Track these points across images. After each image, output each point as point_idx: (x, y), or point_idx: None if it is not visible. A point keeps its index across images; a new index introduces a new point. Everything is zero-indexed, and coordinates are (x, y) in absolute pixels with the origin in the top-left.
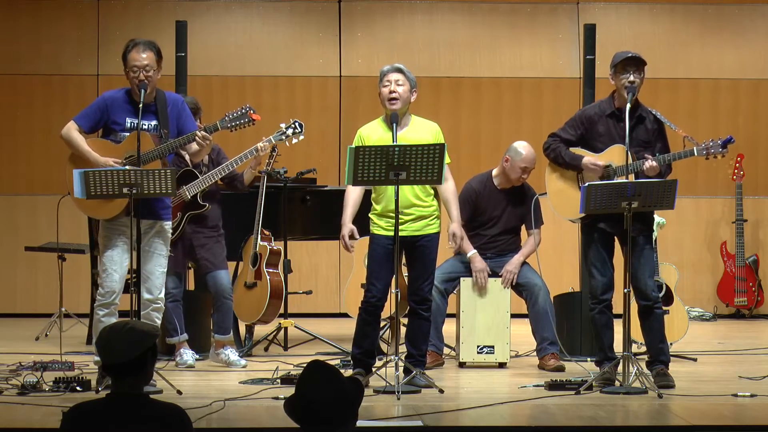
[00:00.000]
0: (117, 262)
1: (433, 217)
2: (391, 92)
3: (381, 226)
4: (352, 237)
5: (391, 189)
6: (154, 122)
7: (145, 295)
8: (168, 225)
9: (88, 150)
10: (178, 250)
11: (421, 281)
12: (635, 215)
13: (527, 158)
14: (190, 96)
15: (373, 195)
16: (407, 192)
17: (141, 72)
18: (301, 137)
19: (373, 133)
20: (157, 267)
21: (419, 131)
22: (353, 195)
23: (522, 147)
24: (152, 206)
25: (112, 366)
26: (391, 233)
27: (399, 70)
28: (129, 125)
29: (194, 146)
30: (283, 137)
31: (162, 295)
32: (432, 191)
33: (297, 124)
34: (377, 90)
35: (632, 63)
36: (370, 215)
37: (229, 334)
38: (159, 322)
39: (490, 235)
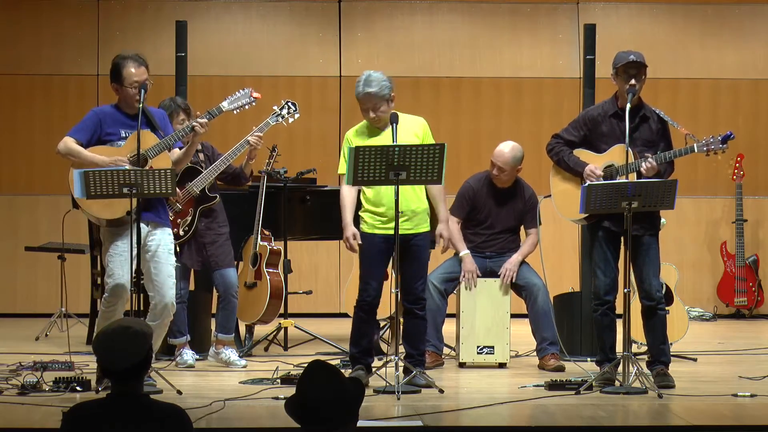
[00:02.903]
0: (122, 266)
1: (425, 214)
2: (371, 119)
3: (373, 225)
4: (355, 238)
5: (384, 188)
6: (146, 130)
7: (159, 308)
8: (170, 232)
9: (92, 155)
10: (192, 248)
11: (414, 281)
12: (641, 214)
13: (495, 153)
14: (180, 98)
15: (363, 194)
16: (402, 189)
17: (143, 84)
18: (297, 116)
19: (360, 136)
20: (169, 278)
21: (407, 128)
22: (349, 197)
23: (501, 144)
24: (155, 206)
25: (115, 371)
26: (383, 232)
27: (369, 96)
28: (124, 134)
29: (175, 154)
30: (279, 119)
31: (175, 303)
32: (423, 190)
33: (290, 103)
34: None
35: (633, 66)
36: (360, 213)
37: (232, 334)
38: (166, 330)
39: (489, 234)
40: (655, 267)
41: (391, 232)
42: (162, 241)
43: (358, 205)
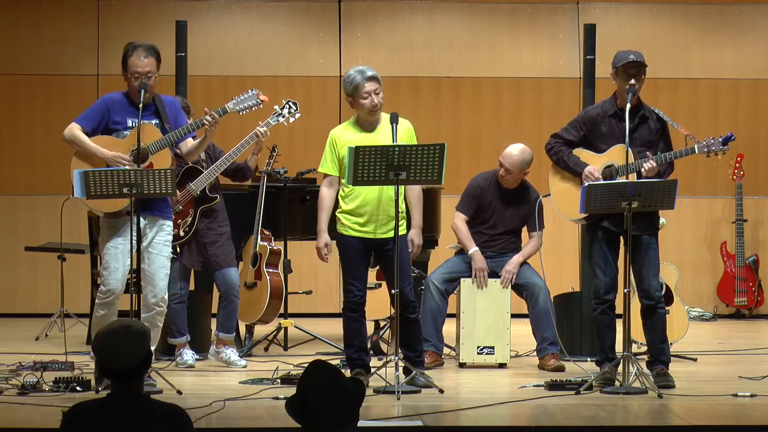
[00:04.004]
0: (118, 260)
1: (402, 218)
2: (374, 105)
3: (349, 227)
4: (327, 247)
5: (365, 189)
6: (155, 121)
7: (150, 299)
8: (169, 225)
9: (94, 146)
10: (192, 248)
11: (400, 284)
12: (640, 214)
13: (504, 154)
14: (180, 97)
15: (341, 193)
16: (381, 193)
17: (143, 78)
18: (298, 115)
19: (344, 136)
20: (161, 269)
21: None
22: (328, 199)
23: (511, 146)
24: (156, 202)
25: (116, 371)
26: (361, 235)
27: (373, 79)
28: (131, 124)
29: (189, 144)
30: (280, 118)
31: (166, 296)
32: (401, 194)
33: (291, 103)
34: (345, 92)
35: (633, 66)
36: (338, 214)
37: (233, 333)
38: (161, 325)
39: (491, 234)
40: (654, 266)
41: (369, 235)
42: (158, 232)
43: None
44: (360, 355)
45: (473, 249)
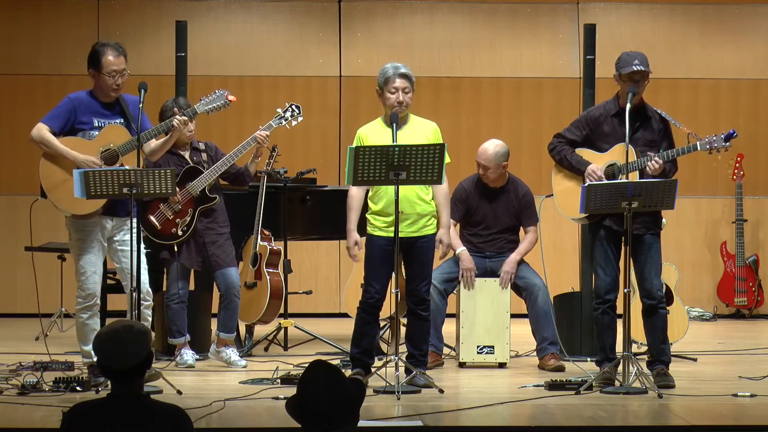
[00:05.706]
0: (94, 264)
1: (431, 217)
2: (399, 102)
3: (378, 227)
4: (357, 245)
5: (390, 189)
6: (120, 120)
7: (133, 294)
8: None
9: (64, 148)
10: (190, 248)
11: (418, 282)
12: (643, 213)
13: (479, 152)
14: (183, 99)
15: (369, 194)
16: (407, 192)
17: (119, 77)
18: (300, 119)
19: (373, 134)
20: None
21: (418, 131)
22: (356, 199)
23: (484, 143)
24: (124, 204)
25: (119, 371)
26: (389, 234)
27: (405, 77)
28: (97, 124)
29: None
30: (283, 121)
31: (150, 290)
32: (430, 192)
33: (294, 106)
34: (375, 87)
35: (637, 73)
36: (367, 215)
37: (233, 333)
38: (150, 319)
39: (487, 234)
40: (656, 266)
41: (400, 234)
42: (127, 230)
43: (365, 207)
44: (363, 356)
45: (460, 249)
